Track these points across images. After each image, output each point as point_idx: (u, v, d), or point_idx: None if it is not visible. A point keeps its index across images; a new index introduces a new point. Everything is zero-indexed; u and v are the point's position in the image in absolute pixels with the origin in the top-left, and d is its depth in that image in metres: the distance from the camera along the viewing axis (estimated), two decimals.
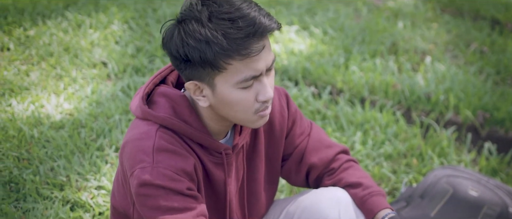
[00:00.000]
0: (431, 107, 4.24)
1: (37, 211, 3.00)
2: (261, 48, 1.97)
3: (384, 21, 5.50)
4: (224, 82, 2.01)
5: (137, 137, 2.11)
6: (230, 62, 1.96)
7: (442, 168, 3.31)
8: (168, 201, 2.06)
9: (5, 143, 3.38)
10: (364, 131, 3.89)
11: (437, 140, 3.85)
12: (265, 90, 2.04)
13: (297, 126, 2.45)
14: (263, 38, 1.99)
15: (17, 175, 3.18)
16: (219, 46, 1.93)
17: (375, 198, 2.37)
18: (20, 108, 3.68)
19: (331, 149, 2.48)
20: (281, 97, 2.41)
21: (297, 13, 5.43)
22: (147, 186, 2.05)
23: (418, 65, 4.83)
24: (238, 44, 1.94)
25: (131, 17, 4.94)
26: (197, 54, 1.96)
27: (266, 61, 2.02)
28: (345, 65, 4.64)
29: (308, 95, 4.18)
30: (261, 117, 2.10)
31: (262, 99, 2.05)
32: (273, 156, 2.43)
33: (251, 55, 1.96)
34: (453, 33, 5.42)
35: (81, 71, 4.19)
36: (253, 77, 2.01)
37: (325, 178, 2.46)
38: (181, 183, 2.07)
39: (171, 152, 2.08)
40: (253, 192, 2.41)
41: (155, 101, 2.16)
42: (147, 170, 2.05)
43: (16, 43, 4.38)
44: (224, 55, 1.94)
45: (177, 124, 2.11)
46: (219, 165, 2.22)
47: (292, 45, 4.87)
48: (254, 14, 1.95)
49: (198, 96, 2.08)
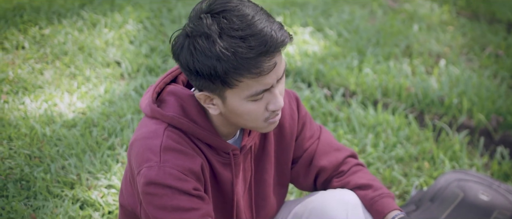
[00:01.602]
0: (444, 111, 4.23)
1: (47, 209, 3.02)
2: (273, 67, 1.96)
3: (399, 23, 5.49)
4: (235, 96, 2.01)
5: (145, 136, 2.12)
6: (241, 80, 1.96)
7: (453, 171, 3.30)
8: (174, 200, 2.06)
9: (17, 141, 3.40)
10: (376, 133, 3.88)
11: (449, 144, 3.84)
12: (275, 100, 2.05)
13: (307, 129, 2.45)
14: (275, 55, 1.97)
15: (28, 173, 3.20)
16: (230, 65, 1.91)
17: (384, 200, 2.37)
18: (33, 107, 3.71)
19: (341, 152, 2.48)
20: (292, 100, 2.41)
21: (312, 14, 5.43)
22: (153, 185, 2.06)
23: (432, 68, 4.81)
24: (250, 64, 1.92)
25: (146, 17, 4.96)
26: (207, 70, 1.94)
27: (277, 74, 2.01)
28: (358, 68, 4.63)
29: (320, 97, 4.18)
30: (271, 123, 2.11)
31: (273, 109, 2.06)
32: (282, 158, 2.43)
33: (262, 74, 1.95)
34: (469, 37, 5.39)
35: (95, 71, 4.21)
36: (264, 91, 2.01)
37: (334, 180, 2.46)
38: (187, 183, 2.07)
39: (178, 151, 2.09)
40: (261, 194, 2.41)
41: (165, 100, 2.16)
42: (154, 169, 2.06)
43: (31, 42, 4.41)
44: (235, 73, 1.93)
45: (186, 124, 2.11)
46: (227, 165, 2.23)
47: (306, 46, 4.87)
48: (266, 31, 1.92)
49: (208, 105, 2.08)
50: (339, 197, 2.34)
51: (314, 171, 2.46)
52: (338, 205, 2.32)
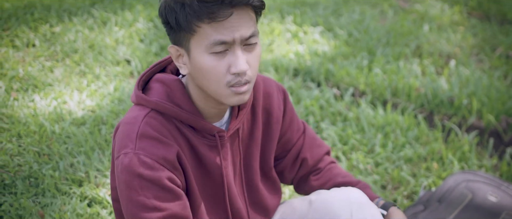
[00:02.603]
0: (454, 112, 4.22)
1: (55, 206, 3.03)
2: (229, 14, 1.99)
3: (410, 23, 5.48)
4: (197, 47, 2.04)
5: (126, 121, 2.16)
6: (199, 25, 2.01)
7: (462, 172, 3.29)
8: (140, 196, 2.08)
9: (26, 138, 3.42)
10: (385, 133, 3.88)
11: (459, 144, 3.83)
12: (237, 62, 2.04)
13: (295, 124, 2.52)
14: (235, 7, 2.01)
15: (37, 170, 3.22)
16: (190, 8, 1.99)
17: (365, 191, 2.50)
18: (42, 104, 3.72)
19: (321, 149, 2.60)
20: (279, 93, 2.45)
21: (322, 14, 5.43)
22: (126, 172, 2.08)
23: (442, 68, 4.80)
24: (207, 8, 1.98)
25: (156, 15, 4.97)
26: (173, 16, 2.03)
27: (239, 32, 2.03)
28: (368, 68, 4.63)
29: (330, 96, 4.18)
30: (235, 93, 2.09)
31: (234, 71, 2.04)
32: (267, 147, 2.46)
33: (217, 19, 1.99)
34: (479, 37, 5.38)
35: (105, 69, 4.22)
36: (223, 43, 2.02)
37: (311, 177, 2.57)
38: (159, 172, 2.09)
39: (154, 139, 2.11)
40: (250, 180, 2.44)
41: (150, 87, 2.20)
42: (129, 155, 2.08)
43: (42, 39, 4.42)
44: (194, 17, 1.99)
45: (169, 108, 2.14)
46: (213, 147, 2.24)
47: (316, 46, 4.87)
48: None
49: (179, 64, 2.12)
50: (343, 195, 2.35)
51: (298, 165, 2.56)
52: (342, 204, 2.32)
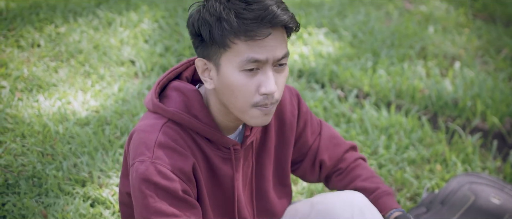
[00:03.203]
0: (458, 113, 4.22)
1: (58, 206, 3.04)
2: (267, 34, 2.00)
3: (415, 25, 5.48)
4: (228, 62, 2.03)
5: (142, 129, 2.15)
6: (235, 41, 2.00)
7: (465, 174, 3.29)
8: (157, 203, 2.08)
9: (30, 138, 3.43)
10: (388, 135, 3.88)
11: (462, 146, 3.82)
12: (267, 82, 2.04)
13: (309, 126, 2.49)
14: (274, 27, 2.01)
15: (40, 170, 3.23)
16: (227, 24, 1.98)
17: (381, 200, 2.43)
18: (47, 104, 3.73)
19: (340, 147, 2.55)
20: (293, 97, 2.43)
21: (327, 15, 5.43)
22: (142, 180, 2.07)
23: (447, 70, 4.80)
24: (246, 25, 1.98)
25: (161, 16, 4.98)
26: (207, 29, 2.01)
27: (273, 52, 2.03)
28: (372, 69, 4.63)
29: (333, 98, 4.18)
30: (260, 114, 2.10)
31: (263, 92, 2.04)
32: (282, 155, 2.45)
33: (255, 38, 1.99)
34: (484, 39, 5.37)
35: (109, 69, 4.23)
36: (255, 61, 2.01)
37: (333, 178, 2.54)
38: (175, 183, 2.09)
39: (171, 149, 2.11)
40: (261, 190, 2.43)
41: (168, 96, 2.19)
42: (145, 164, 2.08)
43: (47, 40, 4.43)
44: (231, 33, 1.99)
45: (186, 118, 2.13)
46: (227, 160, 2.24)
47: (321, 47, 4.87)
48: (270, 3, 2.00)
49: (205, 77, 2.11)
50: (345, 198, 2.35)
51: (318, 167, 2.53)
52: (344, 206, 2.32)
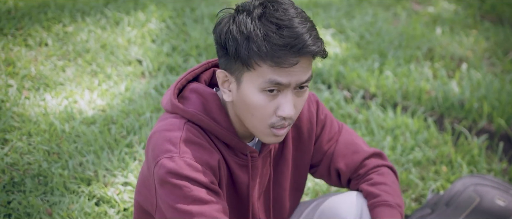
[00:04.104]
0: (464, 115, 4.21)
1: (63, 204, 3.05)
2: (295, 63, 1.96)
3: (422, 26, 5.47)
4: (250, 82, 2.01)
5: (164, 128, 2.12)
6: (260, 64, 1.98)
7: (471, 176, 3.28)
8: (193, 191, 2.04)
9: (37, 137, 3.44)
10: (394, 136, 3.88)
11: (468, 148, 3.82)
12: (286, 105, 2.03)
13: (326, 132, 2.43)
14: (302, 56, 1.97)
15: (46, 168, 3.24)
16: (256, 45, 1.96)
17: (376, 210, 2.31)
18: (53, 103, 3.75)
19: (358, 155, 2.44)
20: (312, 103, 2.39)
21: (335, 16, 5.43)
22: (172, 174, 2.04)
23: (454, 72, 4.79)
24: (274, 51, 1.95)
25: (169, 16, 4.99)
26: (234, 45, 1.99)
27: (297, 78, 2.01)
28: (379, 70, 4.63)
29: (340, 99, 4.18)
30: (274, 135, 2.09)
31: (281, 114, 2.03)
32: (300, 162, 2.42)
33: (282, 65, 1.96)
34: (492, 41, 5.36)
35: (116, 68, 4.24)
36: (278, 84, 2.00)
37: (352, 183, 2.45)
38: (205, 175, 2.07)
39: (197, 144, 2.09)
40: (278, 198, 2.41)
41: (186, 97, 2.18)
42: (174, 159, 2.05)
43: (55, 39, 4.45)
44: (257, 56, 1.97)
45: (205, 121, 2.12)
46: (244, 167, 2.23)
47: (328, 48, 4.87)
48: (301, 31, 1.95)
49: (224, 89, 2.10)
50: (350, 200, 2.34)
51: (334, 173, 2.45)
52: (349, 208, 2.31)
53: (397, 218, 2.29)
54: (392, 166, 2.48)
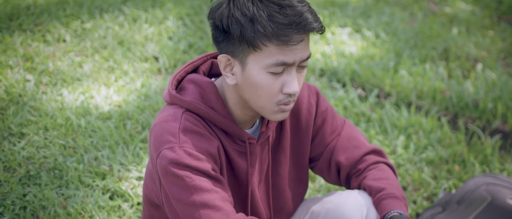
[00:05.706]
0: (478, 115, 4.22)
1: (77, 198, 3.10)
2: (300, 40, 2.03)
3: (439, 26, 5.47)
4: (256, 63, 2.05)
5: (163, 120, 2.17)
6: (266, 44, 2.02)
7: (483, 175, 3.29)
8: (195, 181, 2.09)
9: (53, 131, 3.49)
10: (407, 135, 3.89)
11: (481, 148, 3.83)
12: (292, 82, 2.08)
13: (328, 125, 2.46)
14: (305, 33, 2.04)
15: (61, 162, 3.29)
16: (261, 26, 2.00)
17: (383, 202, 2.33)
18: (70, 98, 3.80)
19: (359, 149, 2.47)
20: (312, 94, 2.43)
21: (351, 15, 5.44)
22: (173, 165, 2.09)
23: (469, 72, 4.80)
24: (280, 29, 2.00)
25: (186, 13, 5.03)
26: (238, 28, 2.02)
27: (301, 55, 2.06)
28: (394, 69, 4.64)
29: (354, 97, 4.20)
30: (282, 110, 2.13)
31: (287, 92, 2.08)
32: (299, 152, 2.45)
33: (289, 43, 2.02)
34: (508, 42, 5.36)
35: (133, 65, 4.29)
36: (284, 64, 2.05)
37: (352, 179, 2.47)
38: (206, 163, 2.11)
39: (196, 133, 2.13)
40: (277, 186, 2.44)
41: (184, 88, 2.22)
42: (174, 149, 2.09)
43: (73, 35, 4.50)
44: (264, 36, 2.01)
45: (203, 109, 2.16)
46: (242, 154, 2.26)
47: (343, 47, 4.89)
48: (302, 9, 2.02)
49: (227, 73, 2.13)
50: (355, 199, 2.35)
51: (334, 167, 2.47)
52: (355, 207, 2.32)
53: (404, 210, 2.31)
54: (391, 163, 2.51)
